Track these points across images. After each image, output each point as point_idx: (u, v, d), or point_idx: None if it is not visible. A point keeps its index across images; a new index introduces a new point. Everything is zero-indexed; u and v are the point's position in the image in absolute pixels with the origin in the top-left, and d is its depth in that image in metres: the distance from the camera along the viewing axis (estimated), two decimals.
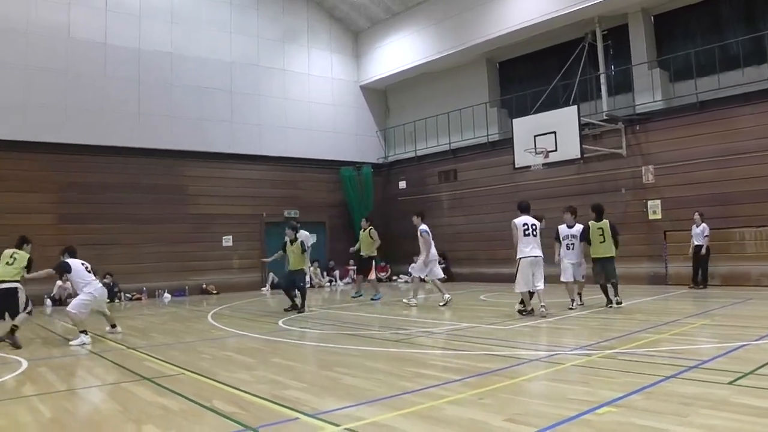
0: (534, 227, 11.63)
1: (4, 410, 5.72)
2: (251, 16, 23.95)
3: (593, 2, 18.66)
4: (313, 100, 25.42)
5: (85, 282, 10.59)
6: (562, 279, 12.58)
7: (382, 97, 27.73)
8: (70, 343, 9.98)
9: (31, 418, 5.42)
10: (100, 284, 11.08)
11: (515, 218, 11.74)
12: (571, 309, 12.07)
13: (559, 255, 12.61)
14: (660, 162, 18.02)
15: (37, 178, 18.95)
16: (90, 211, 19.54)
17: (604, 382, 5.89)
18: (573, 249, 12.55)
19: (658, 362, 6.63)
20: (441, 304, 13.86)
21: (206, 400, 5.74)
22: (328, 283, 23.89)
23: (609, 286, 12.37)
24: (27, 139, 18.76)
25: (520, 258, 11.47)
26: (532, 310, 11.55)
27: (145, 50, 21.22)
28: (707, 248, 16.01)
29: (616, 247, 12.45)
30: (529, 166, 19.00)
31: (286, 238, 14.52)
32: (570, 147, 17.78)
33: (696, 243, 16.18)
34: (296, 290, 14.13)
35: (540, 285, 11.38)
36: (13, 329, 9.77)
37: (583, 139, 17.88)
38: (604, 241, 12.30)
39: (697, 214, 16.16)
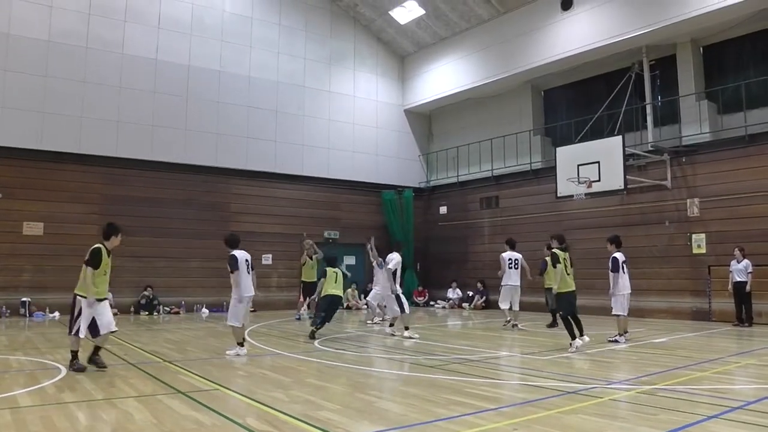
0: (516, 261, 15.22)
1: (43, 415, 5.82)
2: (299, 38, 24.30)
3: (641, 32, 18.52)
4: (357, 122, 25.61)
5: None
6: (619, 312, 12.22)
7: (426, 122, 27.80)
8: (226, 352, 10.14)
9: (68, 424, 5.50)
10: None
11: (503, 253, 15.15)
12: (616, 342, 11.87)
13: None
14: (706, 195, 17.69)
15: (84, 189, 19.42)
16: (133, 224, 19.79)
17: (642, 418, 5.75)
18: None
19: (699, 401, 6.46)
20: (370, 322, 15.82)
21: (240, 417, 5.75)
22: (365, 306, 23.82)
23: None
24: (78, 152, 19.31)
25: (506, 285, 15.13)
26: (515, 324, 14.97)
27: (195, 67, 21.67)
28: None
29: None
30: (572, 196, 18.80)
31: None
32: (614, 177, 17.56)
33: (738, 279, 15.67)
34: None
35: (517, 306, 15.25)
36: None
37: (627, 169, 17.66)
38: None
39: (737, 249, 15.72)
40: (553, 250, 11.25)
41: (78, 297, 8.52)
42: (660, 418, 5.73)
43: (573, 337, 10.84)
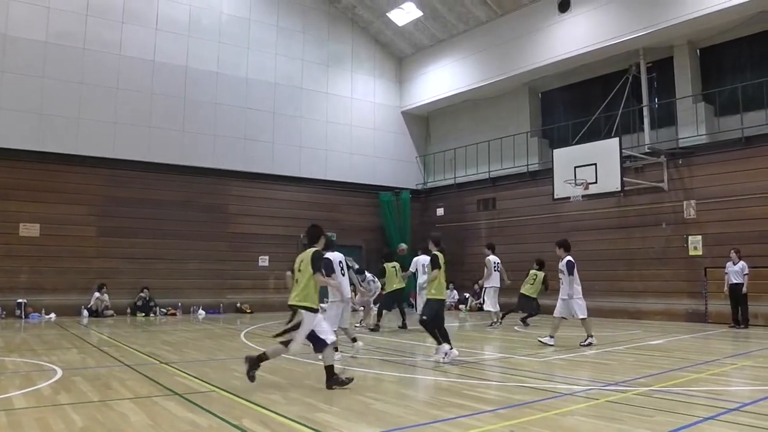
0: (498, 264, 16.18)
1: (38, 417, 5.80)
2: (297, 40, 24.30)
3: (638, 34, 18.56)
4: (354, 124, 25.62)
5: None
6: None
7: (424, 124, 27.81)
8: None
9: (63, 426, 5.48)
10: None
11: (489, 256, 16.02)
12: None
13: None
14: (702, 197, 17.73)
15: (81, 190, 19.43)
16: (130, 225, 19.88)
17: (638, 420, 5.75)
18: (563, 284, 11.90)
19: (695, 402, 6.47)
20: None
21: (236, 418, 5.74)
22: (362, 307, 23.78)
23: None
24: (75, 153, 19.32)
25: (491, 287, 15.94)
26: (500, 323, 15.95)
27: (192, 69, 21.68)
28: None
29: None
30: (569, 198, 18.82)
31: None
32: (610, 179, 17.59)
33: (734, 281, 15.63)
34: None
35: (498, 307, 16.12)
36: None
37: (624, 171, 17.69)
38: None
39: (733, 251, 15.70)
40: (434, 253, 10.27)
41: (306, 310, 7.46)
42: (656, 419, 5.73)
43: (440, 342, 9.93)
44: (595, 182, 17.93)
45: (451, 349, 9.66)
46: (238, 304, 21.53)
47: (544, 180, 20.87)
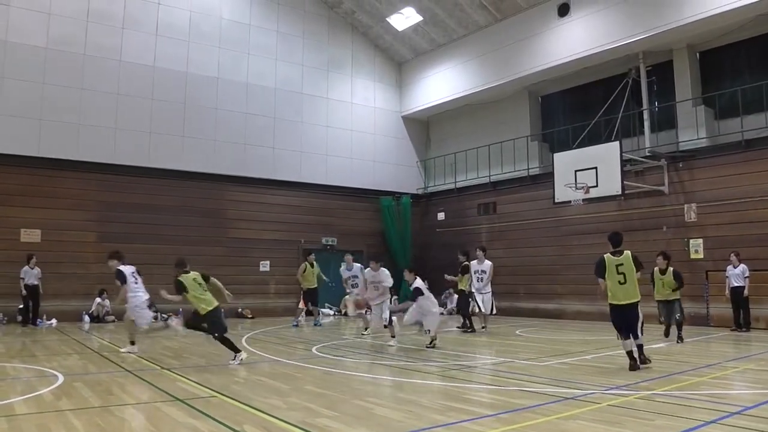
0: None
1: (40, 423, 5.80)
2: (296, 45, 24.33)
3: (638, 38, 18.58)
4: (354, 128, 25.64)
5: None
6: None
7: (424, 128, 27.83)
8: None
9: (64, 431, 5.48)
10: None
11: (488, 261, 15.85)
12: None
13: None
14: (703, 200, 17.72)
15: (81, 196, 19.45)
16: (130, 230, 19.85)
17: (640, 424, 5.74)
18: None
19: (697, 406, 6.46)
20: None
21: (237, 424, 5.74)
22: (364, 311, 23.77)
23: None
24: (76, 159, 19.34)
25: (490, 292, 15.81)
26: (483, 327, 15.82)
27: (192, 74, 21.71)
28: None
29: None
30: (569, 201, 18.82)
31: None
32: (611, 183, 17.58)
33: (735, 284, 15.61)
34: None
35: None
36: None
37: (624, 175, 17.68)
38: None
39: (733, 254, 15.68)
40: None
41: None
42: (658, 423, 5.73)
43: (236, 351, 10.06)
44: (596, 186, 17.92)
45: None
46: (239, 309, 21.50)
47: (544, 184, 20.86)
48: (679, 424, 5.62)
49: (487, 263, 15.75)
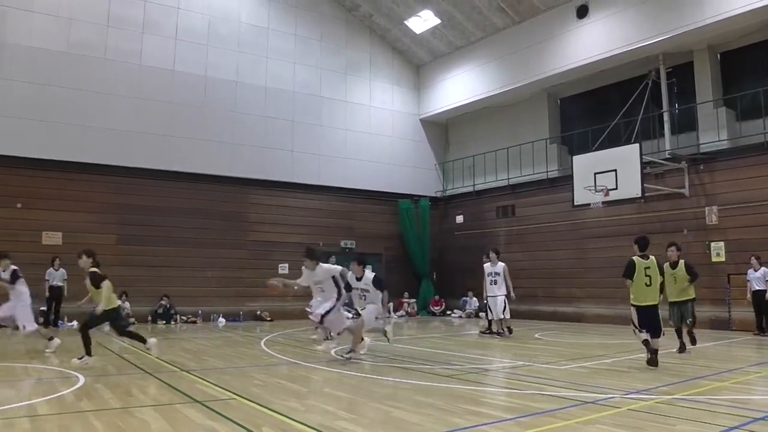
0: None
1: (61, 424, 5.85)
2: (314, 48, 24.41)
3: (657, 39, 18.45)
4: (373, 131, 25.67)
5: None
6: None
7: (442, 131, 27.80)
8: None
9: None
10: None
11: (502, 263, 15.47)
12: None
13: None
14: (724, 203, 17.54)
15: (102, 198, 19.63)
16: (150, 233, 20.03)
17: (662, 429, 5.68)
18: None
19: (720, 411, 6.38)
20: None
21: (256, 426, 5.75)
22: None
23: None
24: (97, 162, 19.51)
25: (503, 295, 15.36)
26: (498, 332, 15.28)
27: (211, 78, 21.86)
28: None
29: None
30: (589, 204, 18.71)
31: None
32: (631, 186, 17.46)
33: (757, 287, 15.44)
34: None
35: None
36: None
37: (644, 177, 17.56)
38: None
39: (754, 258, 15.50)
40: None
41: None
42: (679, 428, 5.67)
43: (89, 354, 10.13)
44: (615, 188, 17.81)
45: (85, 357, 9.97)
46: (258, 312, 21.59)
47: (563, 187, 20.76)
48: (701, 430, 5.56)
49: (500, 265, 15.38)
